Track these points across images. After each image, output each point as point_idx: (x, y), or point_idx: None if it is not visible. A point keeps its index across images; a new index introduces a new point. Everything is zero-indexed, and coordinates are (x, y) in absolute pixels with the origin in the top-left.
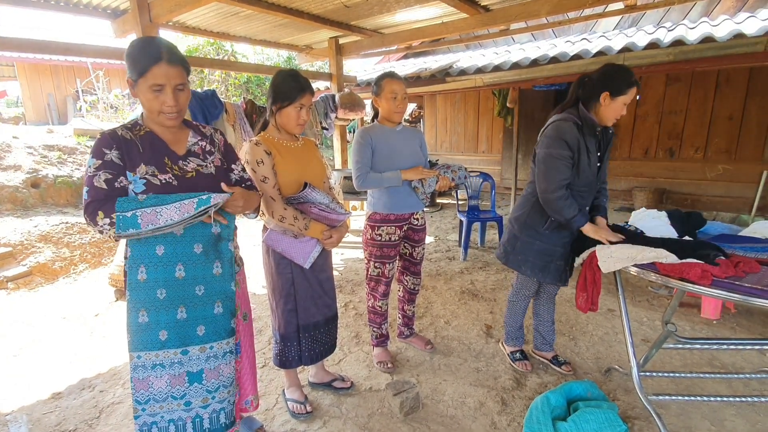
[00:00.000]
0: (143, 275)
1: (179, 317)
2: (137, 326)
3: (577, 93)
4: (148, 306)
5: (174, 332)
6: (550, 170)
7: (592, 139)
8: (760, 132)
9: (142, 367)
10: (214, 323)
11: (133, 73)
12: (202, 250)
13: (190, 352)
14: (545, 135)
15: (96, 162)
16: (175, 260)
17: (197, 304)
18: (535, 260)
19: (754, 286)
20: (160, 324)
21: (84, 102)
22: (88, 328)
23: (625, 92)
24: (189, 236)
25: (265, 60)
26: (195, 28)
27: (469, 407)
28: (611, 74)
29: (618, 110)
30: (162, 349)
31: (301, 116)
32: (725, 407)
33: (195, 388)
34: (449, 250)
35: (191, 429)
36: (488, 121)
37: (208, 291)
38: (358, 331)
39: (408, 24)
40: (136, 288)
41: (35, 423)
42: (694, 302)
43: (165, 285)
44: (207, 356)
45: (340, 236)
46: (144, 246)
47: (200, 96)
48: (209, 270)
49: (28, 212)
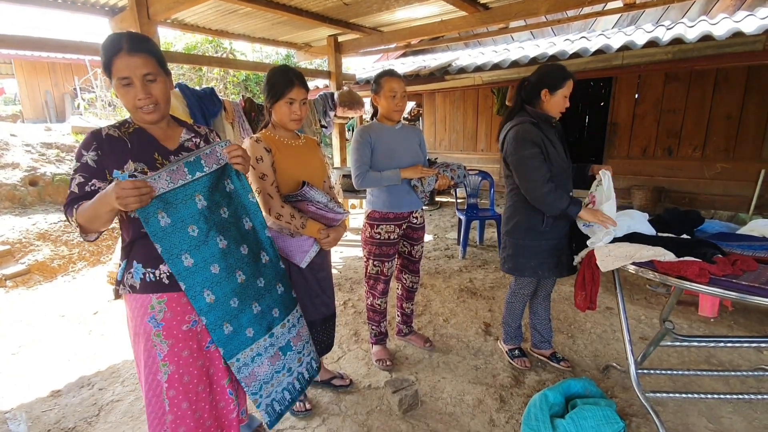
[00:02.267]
0: (211, 297)
1: (256, 312)
2: (226, 339)
3: (521, 96)
4: (229, 318)
5: (257, 325)
6: (528, 171)
7: (550, 130)
8: (758, 131)
9: (245, 366)
10: (282, 301)
11: (104, 72)
12: (248, 251)
13: (275, 333)
14: (509, 143)
15: (76, 164)
16: (233, 270)
17: (264, 294)
18: (548, 260)
19: (752, 284)
20: (243, 327)
21: (82, 100)
22: (86, 326)
23: (562, 86)
24: (233, 242)
25: (264, 58)
26: (193, 26)
27: (467, 404)
28: (546, 72)
29: (560, 103)
30: (254, 343)
31: (294, 111)
32: (722, 404)
33: (289, 356)
34: (448, 248)
35: (297, 385)
36: (487, 119)
37: (267, 279)
38: (357, 329)
39: (407, 22)
40: (210, 311)
41: (34, 421)
42: (691, 300)
43: (234, 294)
44: (288, 328)
45: (338, 236)
46: (198, 273)
47: (199, 94)
48: (260, 262)
49: (27, 210)
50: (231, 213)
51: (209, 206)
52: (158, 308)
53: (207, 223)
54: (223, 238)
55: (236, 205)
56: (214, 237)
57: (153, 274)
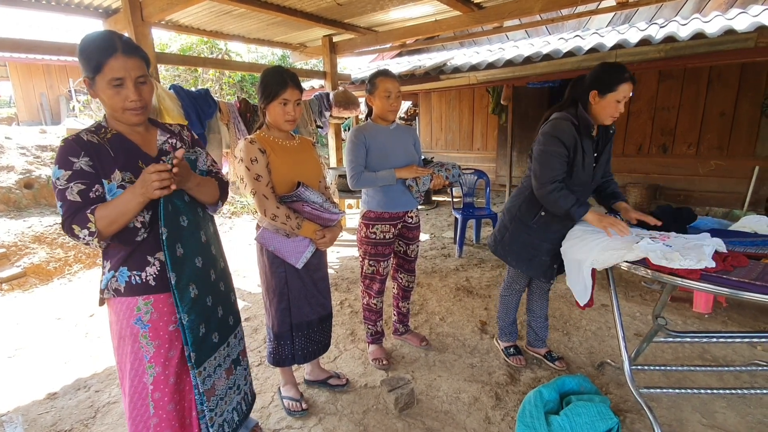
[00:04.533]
0: (195, 292)
1: (220, 315)
2: (200, 341)
3: (573, 93)
4: (204, 318)
5: (220, 330)
6: (543, 166)
7: (587, 139)
8: (752, 128)
9: (209, 377)
10: (233, 310)
11: (88, 71)
12: (216, 252)
13: (230, 343)
14: (542, 132)
15: (64, 173)
16: (210, 266)
17: (224, 298)
18: (520, 252)
19: (742, 280)
20: (211, 330)
21: (77, 102)
22: (83, 328)
23: (614, 89)
24: (208, 240)
25: (259, 58)
26: (188, 27)
27: (463, 402)
28: (600, 72)
29: (611, 108)
30: (216, 351)
31: (287, 112)
32: (716, 400)
33: (239, 372)
34: (444, 247)
35: (244, 407)
36: (483, 118)
37: (226, 284)
38: (354, 328)
39: (402, 22)
40: (194, 307)
41: (31, 423)
42: (686, 297)
43: (210, 292)
44: (238, 339)
45: (334, 236)
46: (186, 264)
47: (194, 95)
48: (219, 266)
49: (22, 213)
50: (202, 212)
51: (189, 203)
52: (144, 309)
53: (189, 216)
54: (204, 233)
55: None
56: (199, 230)
57: (139, 276)
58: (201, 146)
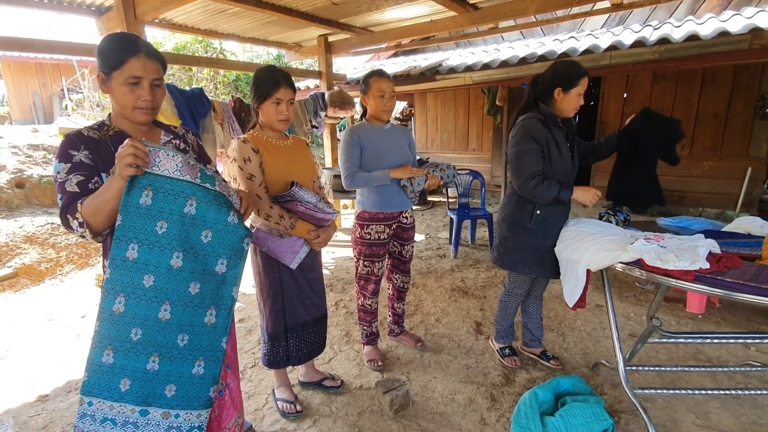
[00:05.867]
0: (120, 307)
1: (149, 367)
2: (98, 366)
3: (534, 93)
4: (118, 345)
5: (138, 384)
6: (521, 164)
7: (557, 130)
8: (745, 129)
9: (90, 418)
10: (189, 386)
11: (106, 67)
12: (198, 291)
13: (150, 414)
14: (512, 135)
15: (65, 166)
16: (164, 297)
17: (175, 356)
18: (529, 257)
19: (736, 281)
20: (125, 370)
21: (70, 101)
22: (74, 330)
23: (576, 84)
24: (187, 271)
25: (254, 58)
26: (182, 26)
27: (458, 404)
28: (560, 70)
29: (575, 101)
30: (119, 402)
31: (281, 111)
32: (710, 400)
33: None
34: (440, 247)
35: None
36: (478, 119)
37: (193, 343)
38: (348, 329)
39: (397, 22)
40: (108, 321)
41: (22, 426)
42: (679, 297)
43: (143, 325)
44: (168, 426)
45: (328, 236)
46: (129, 272)
47: (188, 94)
48: (201, 317)
49: (13, 213)
50: (213, 243)
51: (195, 218)
52: None
53: (180, 230)
54: (182, 258)
55: (224, 240)
56: (174, 250)
57: None
58: (204, 151)
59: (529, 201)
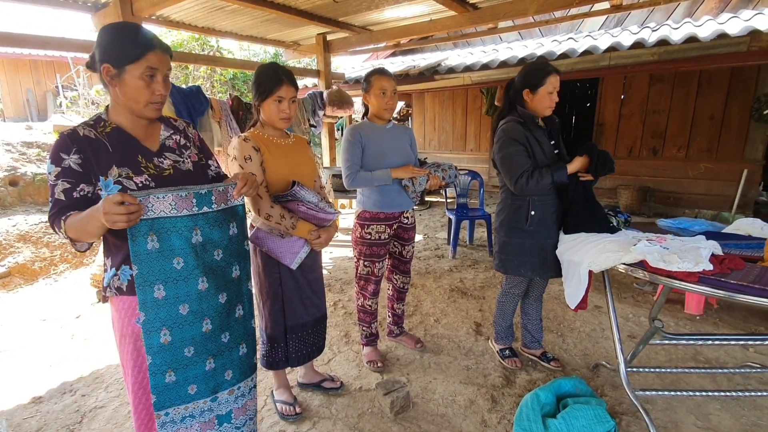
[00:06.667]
0: (167, 338)
1: (207, 368)
2: (164, 387)
3: (509, 98)
4: (176, 366)
5: (203, 384)
6: (510, 165)
7: (537, 130)
8: (741, 131)
9: (171, 423)
10: (240, 365)
11: (121, 61)
12: (226, 299)
13: (218, 398)
14: (495, 141)
15: (55, 169)
16: (202, 316)
17: (224, 351)
18: (531, 259)
19: (740, 283)
20: (188, 380)
21: (64, 98)
22: (69, 330)
23: (543, 83)
24: (214, 288)
25: (251, 56)
26: (179, 23)
27: (459, 405)
28: (527, 72)
29: (546, 100)
30: (192, 402)
31: (282, 109)
32: (710, 402)
33: (225, 428)
34: (438, 248)
35: None
36: (476, 119)
37: (233, 335)
38: (348, 330)
39: (396, 21)
40: (159, 352)
41: (15, 428)
42: (677, 298)
43: (192, 343)
44: (235, 397)
45: (329, 236)
46: (164, 308)
47: (185, 92)
48: (233, 315)
49: (6, 211)
50: (225, 257)
51: (204, 244)
52: None
53: (196, 260)
54: (206, 280)
55: (232, 250)
56: (198, 277)
57: None
58: (206, 145)
59: (522, 203)
